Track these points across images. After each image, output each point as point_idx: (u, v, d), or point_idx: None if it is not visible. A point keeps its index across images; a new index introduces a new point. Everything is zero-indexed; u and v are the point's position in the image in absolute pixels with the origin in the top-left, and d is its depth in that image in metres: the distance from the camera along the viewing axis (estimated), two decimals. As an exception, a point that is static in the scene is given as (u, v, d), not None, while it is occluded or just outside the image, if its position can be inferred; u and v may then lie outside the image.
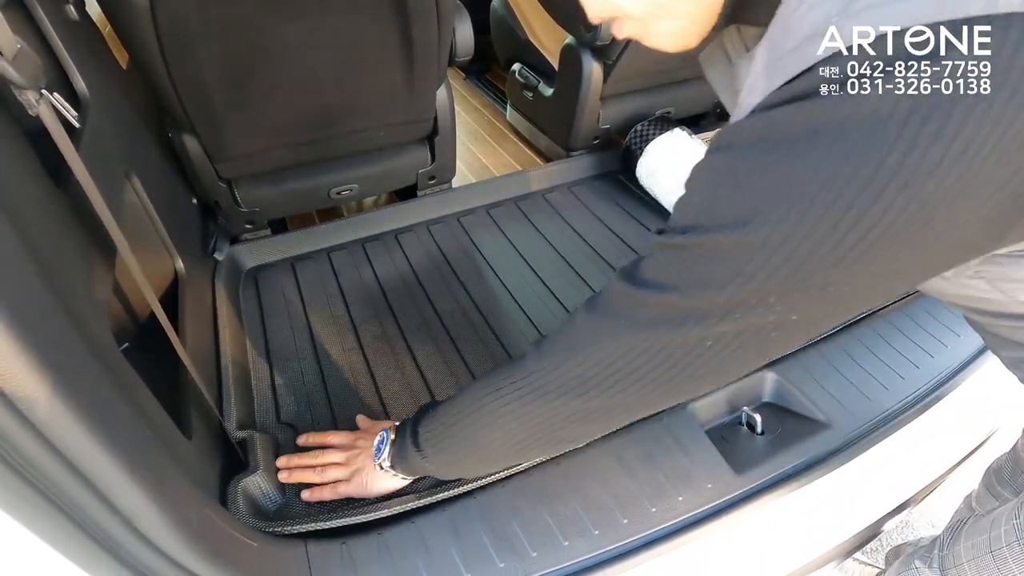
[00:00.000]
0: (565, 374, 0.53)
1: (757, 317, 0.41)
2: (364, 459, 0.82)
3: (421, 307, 1.24)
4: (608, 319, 0.49)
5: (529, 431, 0.58)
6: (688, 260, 0.42)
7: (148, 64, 0.92)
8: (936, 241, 0.36)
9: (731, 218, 0.39)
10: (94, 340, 0.52)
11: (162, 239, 0.97)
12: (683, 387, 0.49)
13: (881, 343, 1.05)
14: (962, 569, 0.71)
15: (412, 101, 1.23)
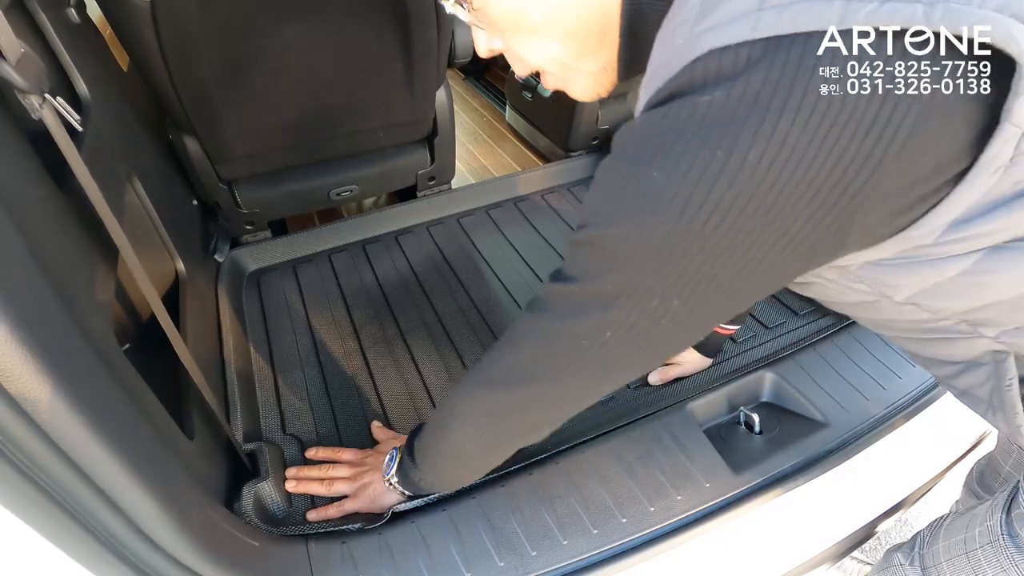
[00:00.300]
0: (506, 366, 0.59)
1: (643, 303, 0.45)
2: (372, 475, 0.84)
3: (421, 309, 1.25)
4: (537, 313, 0.54)
5: (490, 423, 0.62)
6: (580, 254, 0.48)
7: (149, 66, 0.93)
8: (778, 233, 0.39)
9: (606, 213, 0.44)
10: (96, 341, 0.53)
11: (163, 240, 0.98)
12: (601, 375, 0.53)
13: (878, 343, 1.05)
14: (940, 568, 0.72)
15: (411, 102, 1.24)
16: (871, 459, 0.91)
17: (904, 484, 0.93)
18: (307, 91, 1.10)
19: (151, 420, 0.58)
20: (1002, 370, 0.50)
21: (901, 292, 0.48)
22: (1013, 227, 0.41)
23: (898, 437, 0.93)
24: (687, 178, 0.38)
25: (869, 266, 0.46)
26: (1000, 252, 0.42)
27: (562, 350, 0.52)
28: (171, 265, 1.00)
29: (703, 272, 0.42)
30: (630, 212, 0.42)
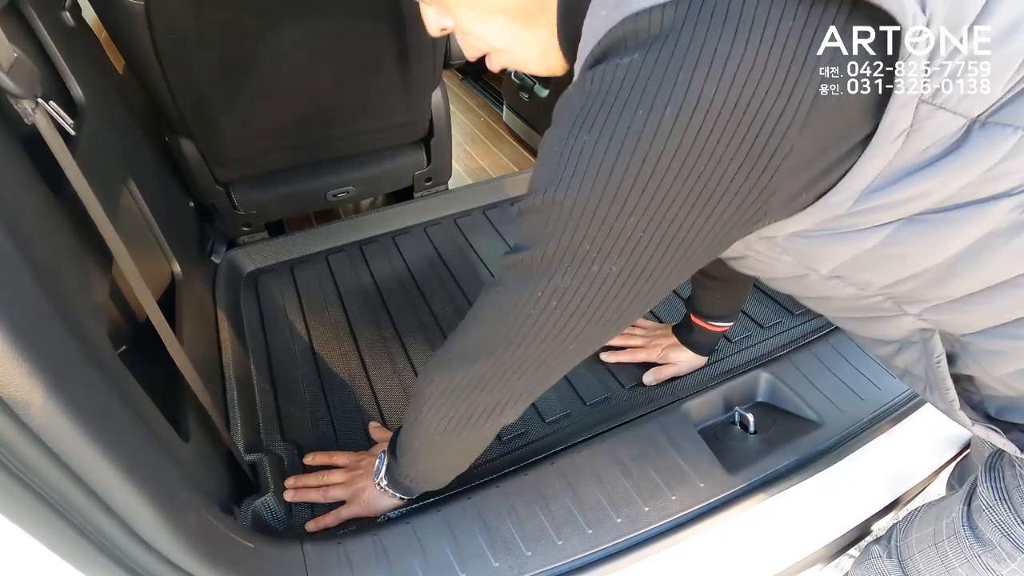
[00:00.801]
0: (463, 344, 0.60)
1: (583, 269, 0.46)
2: (366, 479, 0.84)
3: (418, 309, 1.25)
4: (491, 288, 0.55)
5: (452, 405, 0.63)
6: (526, 221, 0.49)
7: (144, 69, 0.93)
8: (701, 195, 0.40)
9: (543, 181, 0.45)
10: (90, 344, 0.53)
11: (159, 242, 0.98)
12: (552, 346, 0.53)
13: (873, 342, 1.05)
14: (914, 560, 0.72)
15: (408, 103, 1.24)
16: (866, 459, 0.91)
17: (899, 483, 0.94)
18: (303, 93, 1.10)
19: (145, 423, 0.58)
20: (930, 347, 0.52)
21: (825, 265, 0.49)
22: (923, 197, 0.42)
23: (893, 437, 0.93)
24: (612, 140, 0.40)
25: (793, 237, 0.47)
26: (911, 225, 0.44)
27: (513, 321, 0.53)
28: (167, 267, 1.01)
29: (636, 236, 0.43)
30: (564, 177, 0.43)
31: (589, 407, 1.04)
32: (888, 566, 0.78)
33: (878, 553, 0.81)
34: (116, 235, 0.63)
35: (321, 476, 0.89)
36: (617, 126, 0.39)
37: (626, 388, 1.07)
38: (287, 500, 0.87)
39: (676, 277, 0.48)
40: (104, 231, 0.60)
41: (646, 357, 1.07)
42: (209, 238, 1.28)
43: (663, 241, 0.44)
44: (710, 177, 0.39)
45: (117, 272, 0.75)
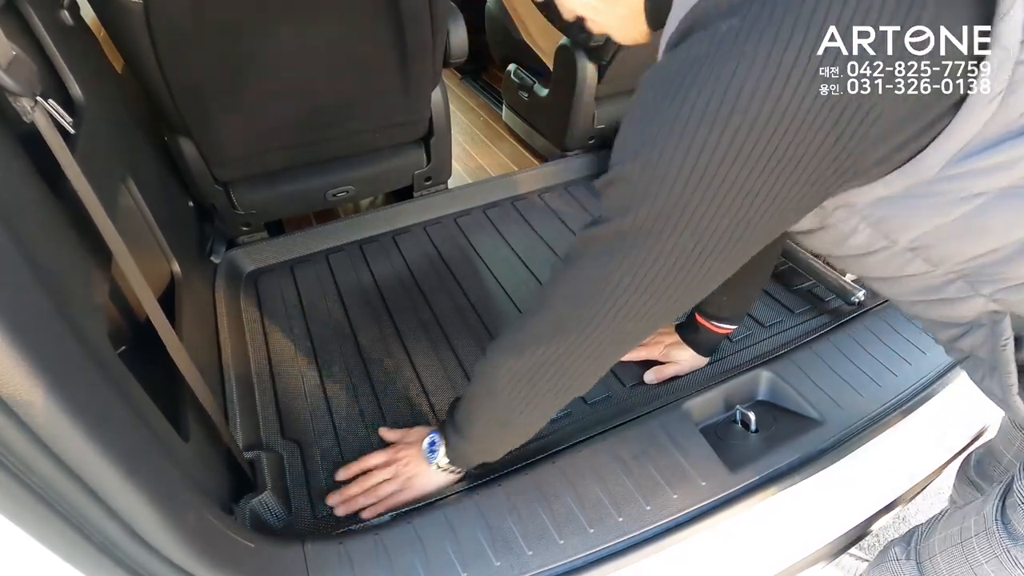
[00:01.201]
0: (537, 323, 0.60)
1: (664, 241, 0.47)
2: (414, 466, 0.85)
3: (419, 308, 1.25)
4: (566, 266, 0.56)
5: (526, 385, 0.64)
6: (609, 194, 0.49)
7: (143, 68, 0.93)
8: (786, 158, 0.41)
9: (634, 146, 0.46)
10: (90, 344, 0.53)
11: (158, 242, 0.98)
12: (629, 321, 0.54)
13: (874, 340, 1.05)
14: (935, 561, 0.72)
15: (407, 103, 1.24)
16: (867, 456, 0.91)
17: (901, 481, 0.94)
18: (302, 92, 1.10)
19: (145, 422, 0.58)
20: (998, 330, 0.52)
21: (905, 235, 0.49)
22: (1015, 165, 0.42)
23: (894, 434, 0.93)
24: (708, 104, 0.40)
25: (877, 203, 0.47)
26: (1002, 199, 0.43)
27: (590, 298, 0.53)
28: (166, 266, 1.00)
29: (718, 203, 0.44)
30: (653, 142, 0.44)
31: (590, 406, 1.04)
32: (905, 568, 0.78)
33: (896, 555, 0.81)
34: (116, 234, 0.62)
35: (362, 482, 0.87)
36: (714, 90, 0.40)
37: (627, 387, 1.07)
38: (339, 515, 0.85)
39: (746, 251, 0.49)
40: (104, 230, 0.59)
41: (648, 355, 1.07)
42: (209, 238, 1.28)
43: (743, 208, 0.44)
44: (801, 140, 0.40)
45: (117, 272, 0.75)
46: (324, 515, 0.87)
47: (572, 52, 1.49)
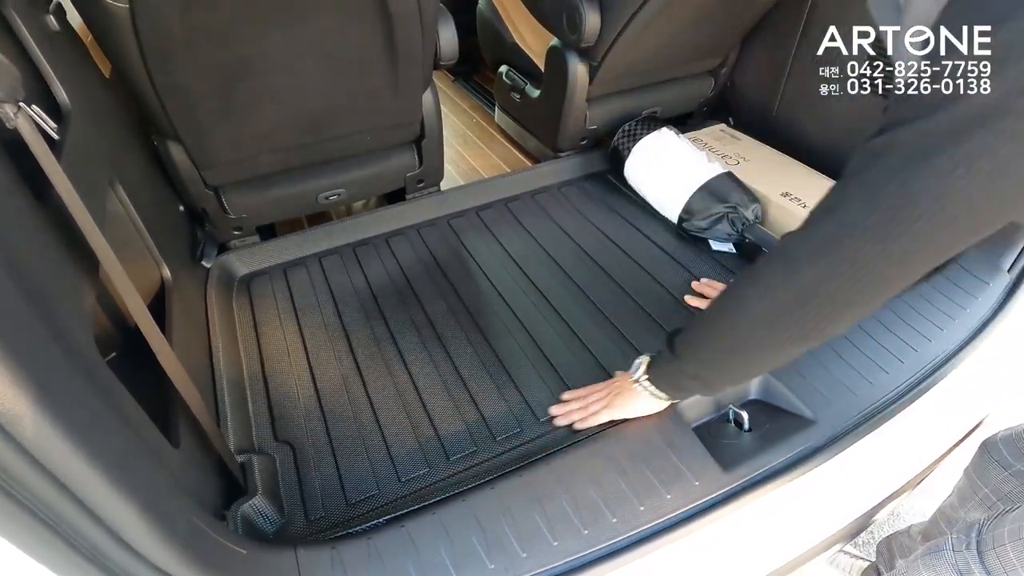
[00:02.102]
0: (815, 236, 0.56)
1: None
2: (622, 386, 0.93)
3: (411, 310, 1.25)
4: (867, 170, 0.52)
5: (783, 310, 0.60)
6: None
7: (130, 73, 0.92)
8: None
9: None
10: (77, 351, 0.52)
11: (148, 247, 0.97)
12: (932, 241, 0.50)
13: (865, 338, 1.06)
14: (1002, 551, 0.72)
15: (398, 105, 1.23)
16: (860, 454, 0.91)
17: (894, 477, 0.94)
18: (292, 96, 1.10)
19: (134, 430, 0.58)
20: None
21: None
22: None
23: (886, 431, 0.94)
24: None
25: None
26: None
27: (892, 207, 0.48)
28: (157, 271, 1.00)
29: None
30: None
31: (583, 407, 1.04)
32: (966, 557, 0.78)
33: (953, 545, 0.81)
34: (103, 240, 0.62)
35: (581, 399, 0.98)
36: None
37: (620, 387, 1.07)
38: (557, 425, 0.98)
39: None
40: (90, 236, 0.59)
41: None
42: (200, 242, 1.27)
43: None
44: None
45: (106, 277, 0.74)
46: (317, 518, 0.87)
47: (563, 53, 1.49)
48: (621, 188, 1.61)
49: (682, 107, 1.78)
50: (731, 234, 1.36)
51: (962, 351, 1.04)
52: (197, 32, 0.89)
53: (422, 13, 1.03)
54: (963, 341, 1.06)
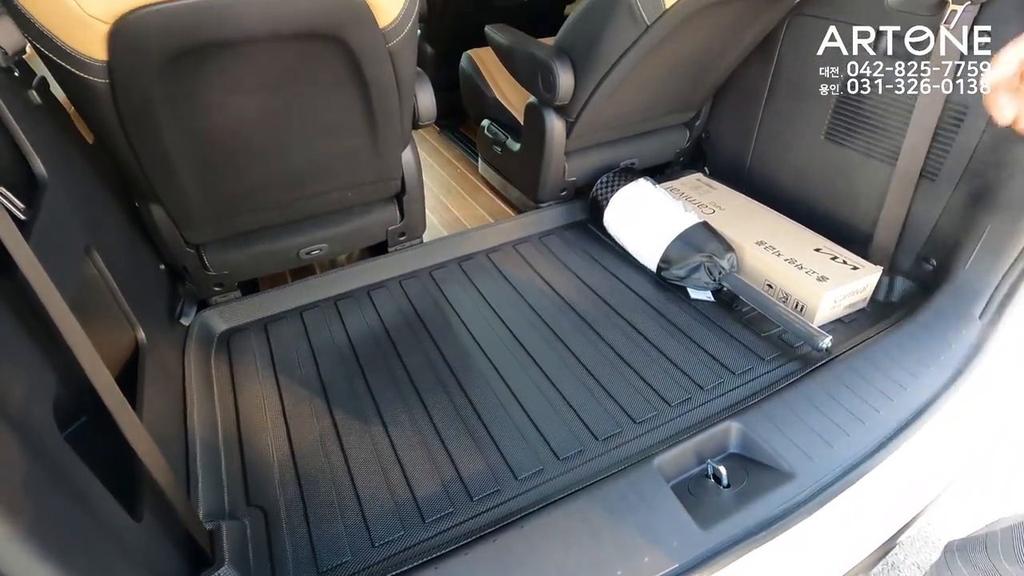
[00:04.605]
0: None
1: None
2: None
3: (391, 364, 1.24)
4: None
5: None
6: None
7: (111, 141, 0.94)
8: None
9: None
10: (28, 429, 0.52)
11: (123, 310, 0.97)
12: None
13: (843, 389, 1.06)
14: None
15: (378, 163, 1.26)
16: (840, 510, 0.90)
17: (874, 534, 0.93)
18: (272, 158, 1.12)
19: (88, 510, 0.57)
20: None
21: None
22: None
23: (866, 485, 0.93)
24: None
25: None
26: None
27: None
28: (131, 334, 1.00)
29: None
30: None
31: (561, 461, 1.03)
32: None
33: None
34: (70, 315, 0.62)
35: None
36: None
37: (599, 440, 1.06)
38: None
39: None
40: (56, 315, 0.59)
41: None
42: (180, 299, 1.28)
43: None
44: None
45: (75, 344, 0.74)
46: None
47: (540, 110, 1.55)
48: (601, 237, 1.63)
49: (658, 158, 1.83)
50: (708, 282, 1.37)
51: (937, 400, 1.04)
52: (176, 101, 0.91)
53: (399, 80, 1.07)
54: (938, 389, 1.06)
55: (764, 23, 1.44)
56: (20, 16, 0.75)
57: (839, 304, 1.30)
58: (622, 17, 1.22)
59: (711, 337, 1.28)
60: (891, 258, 1.37)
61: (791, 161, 1.60)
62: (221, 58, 0.88)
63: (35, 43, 0.78)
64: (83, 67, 0.80)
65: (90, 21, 0.73)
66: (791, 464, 0.93)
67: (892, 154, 1.33)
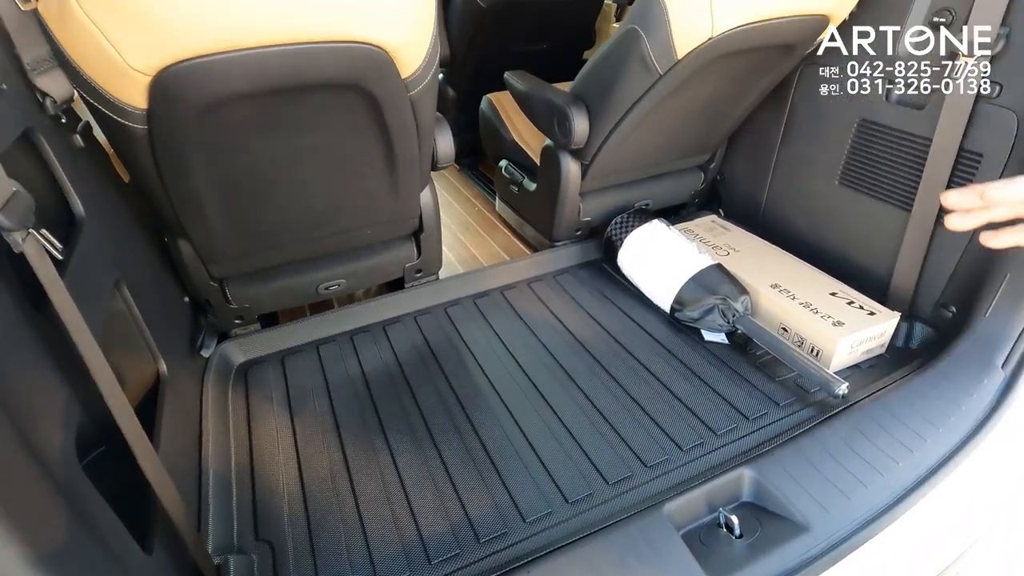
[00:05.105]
0: None
1: None
2: None
3: (403, 400, 1.25)
4: None
5: None
6: None
7: (146, 182, 1.00)
8: None
9: None
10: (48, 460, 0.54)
11: (146, 342, 1.01)
12: None
13: (860, 437, 1.04)
14: None
15: (397, 203, 1.30)
16: (857, 565, 0.87)
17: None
18: (296, 198, 1.17)
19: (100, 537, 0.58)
20: None
21: None
22: None
23: (883, 540, 0.90)
24: None
25: None
26: None
27: None
28: (153, 366, 1.03)
29: None
30: None
31: (571, 504, 1.01)
32: None
33: None
34: (97, 350, 0.65)
35: None
36: None
37: (609, 484, 1.05)
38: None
39: None
40: (84, 349, 0.62)
41: None
42: (201, 332, 1.31)
43: None
44: None
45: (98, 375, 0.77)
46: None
47: (556, 153, 1.59)
48: (615, 276, 1.64)
49: (673, 199, 1.85)
50: (722, 325, 1.37)
51: (959, 452, 1.01)
52: (208, 145, 0.97)
53: (419, 126, 1.11)
54: (959, 441, 1.03)
55: (776, 73, 1.47)
56: (70, 68, 0.81)
57: (856, 350, 1.28)
58: (635, 66, 1.26)
59: (725, 381, 1.27)
60: (910, 304, 1.36)
61: (806, 205, 1.60)
62: (250, 106, 0.93)
63: (82, 92, 0.84)
64: (124, 114, 0.85)
65: (132, 73, 0.79)
66: (805, 515, 0.91)
67: (907, 200, 1.33)
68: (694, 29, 1.17)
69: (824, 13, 1.27)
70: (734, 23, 1.17)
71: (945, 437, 1.04)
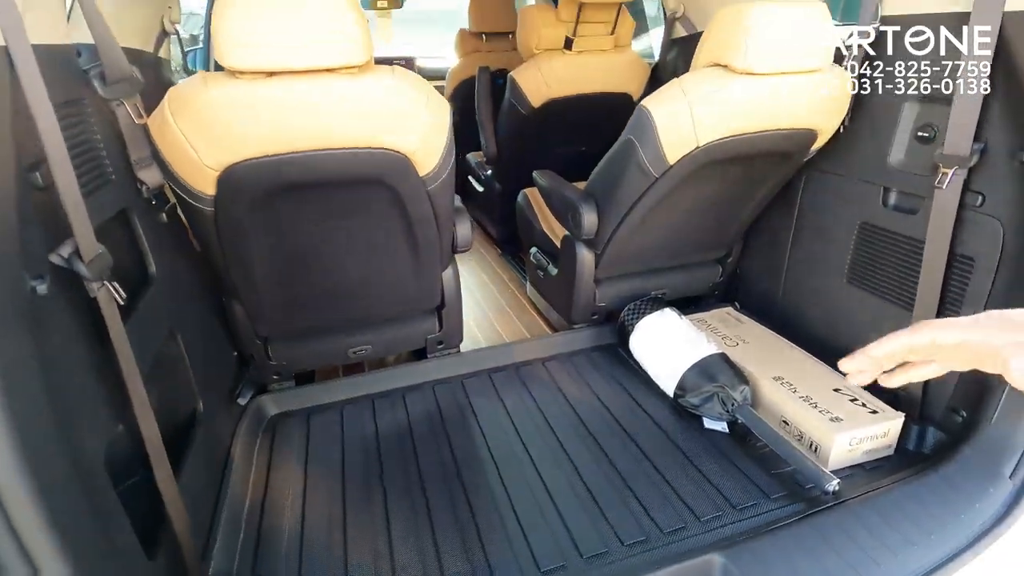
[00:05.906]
0: None
1: None
2: None
3: (407, 465, 1.34)
4: None
5: None
6: None
7: (210, 250, 1.22)
8: None
9: None
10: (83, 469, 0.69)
11: (190, 383, 1.19)
12: None
13: (841, 535, 1.02)
14: None
15: (418, 283, 1.48)
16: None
17: None
18: (332, 273, 1.36)
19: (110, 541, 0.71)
20: None
21: None
22: None
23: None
24: None
25: None
26: None
27: None
28: (192, 405, 1.20)
29: None
30: None
31: (543, 573, 1.04)
32: None
33: None
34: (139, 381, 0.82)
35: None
36: None
37: (583, 557, 1.07)
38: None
39: None
40: (128, 378, 0.79)
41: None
42: (241, 383, 1.50)
43: None
44: None
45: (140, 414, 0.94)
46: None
47: (572, 242, 1.73)
48: (628, 360, 1.71)
49: (689, 290, 1.92)
50: (722, 413, 1.39)
51: (952, 561, 0.97)
52: (261, 225, 1.18)
53: (437, 215, 1.30)
54: (954, 550, 0.99)
55: (780, 177, 1.57)
56: (163, 164, 1.06)
57: (856, 448, 1.26)
58: (633, 169, 1.41)
59: (718, 469, 1.27)
60: (920, 407, 1.33)
61: (818, 302, 1.63)
62: (298, 195, 1.15)
63: (169, 181, 1.09)
64: (197, 199, 1.09)
65: (205, 169, 1.02)
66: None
67: (909, 300, 1.34)
68: (680, 140, 1.32)
69: (810, 127, 1.38)
70: (717, 136, 1.31)
71: (939, 545, 1.00)
